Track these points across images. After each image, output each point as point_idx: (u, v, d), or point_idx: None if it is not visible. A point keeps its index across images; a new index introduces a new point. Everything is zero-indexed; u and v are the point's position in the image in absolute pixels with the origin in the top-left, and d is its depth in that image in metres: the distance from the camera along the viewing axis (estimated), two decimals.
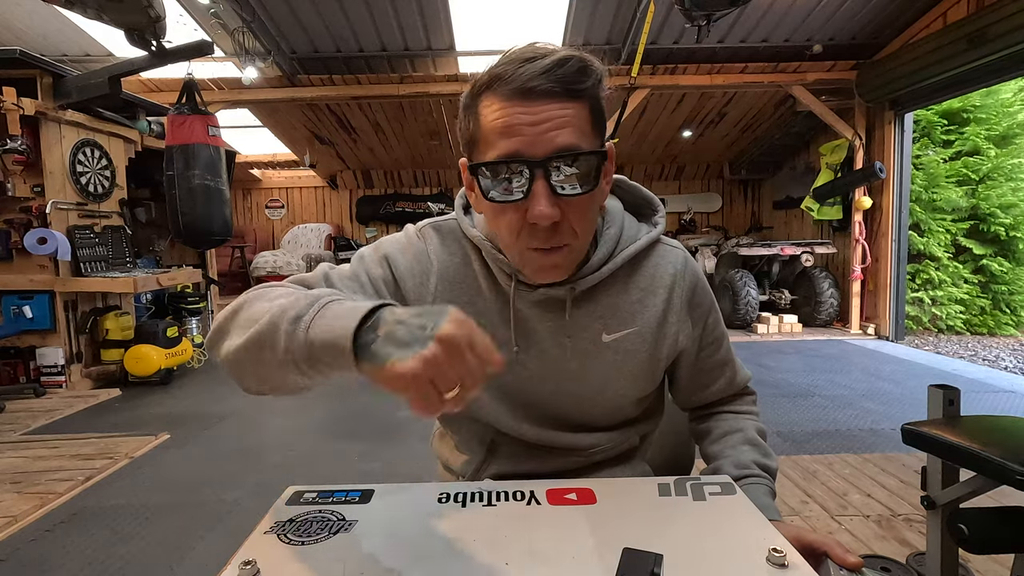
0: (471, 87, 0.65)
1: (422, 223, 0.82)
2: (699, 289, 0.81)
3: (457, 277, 0.78)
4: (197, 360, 4.64)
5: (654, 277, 0.78)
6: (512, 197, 0.62)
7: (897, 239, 5.31)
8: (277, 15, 4.67)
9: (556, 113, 0.60)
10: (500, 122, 0.61)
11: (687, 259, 0.81)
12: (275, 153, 7.86)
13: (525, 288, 0.74)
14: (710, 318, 0.83)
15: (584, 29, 5.05)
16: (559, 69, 0.60)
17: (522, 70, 0.60)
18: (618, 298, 0.76)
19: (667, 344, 0.79)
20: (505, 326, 0.76)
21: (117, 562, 1.82)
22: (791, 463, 2.42)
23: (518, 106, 0.60)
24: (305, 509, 0.67)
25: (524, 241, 0.65)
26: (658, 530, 0.61)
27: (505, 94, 0.61)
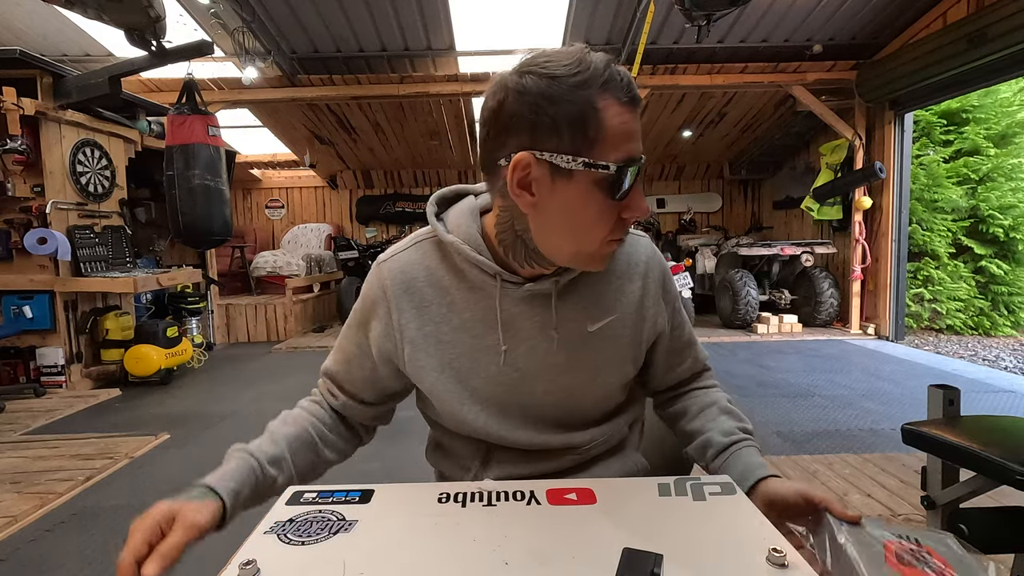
0: (580, 80, 0.62)
1: (380, 258, 0.83)
2: (667, 274, 0.87)
3: (425, 300, 0.78)
4: (197, 360, 4.64)
5: (628, 264, 0.81)
6: (623, 196, 0.66)
7: (897, 239, 5.31)
8: (277, 15, 4.67)
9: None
10: (627, 127, 0.64)
11: (654, 247, 0.86)
12: (275, 153, 7.86)
13: (510, 286, 0.75)
14: (677, 302, 0.88)
15: (584, 29, 5.05)
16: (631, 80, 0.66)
17: (626, 77, 0.64)
18: (598, 287, 0.79)
19: (647, 327, 0.83)
20: (491, 328, 0.76)
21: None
22: (791, 463, 2.42)
23: (631, 112, 0.65)
24: (305, 509, 0.67)
25: (614, 234, 0.69)
26: (658, 530, 0.61)
27: (624, 99, 0.64)
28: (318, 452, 0.83)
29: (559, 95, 0.62)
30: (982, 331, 5.81)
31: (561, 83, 0.62)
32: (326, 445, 0.84)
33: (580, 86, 0.62)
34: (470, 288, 0.77)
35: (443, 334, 0.78)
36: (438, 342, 0.78)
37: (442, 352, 0.78)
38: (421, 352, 0.78)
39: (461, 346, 0.78)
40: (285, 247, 7.79)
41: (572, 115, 0.62)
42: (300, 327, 6.09)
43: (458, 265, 0.77)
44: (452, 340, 0.78)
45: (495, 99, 0.66)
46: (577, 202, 0.66)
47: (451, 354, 0.78)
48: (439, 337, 0.78)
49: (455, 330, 0.78)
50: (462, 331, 0.77)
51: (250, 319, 5.93)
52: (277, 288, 6.55)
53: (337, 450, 0.86)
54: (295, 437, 0.81)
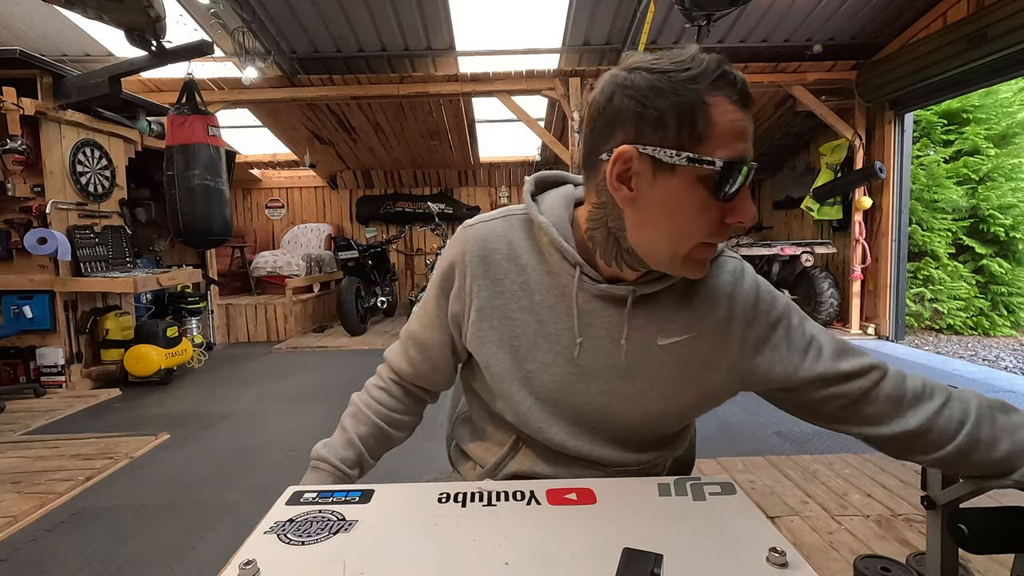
0: (691, 75, 0.62)
1: (466, 223, 0.83)
2: (763, 298, 0.75)
3: (500, 273, 0.78)
4: (197, 360, 4.64)
5: (715, 286, 0.75)
6: (728, 196, 0.63)
7: (897, 239, 5.31)
8: (277, 15, 4.67)
9: (751, 123, 0.65)
10: (738, 125, 0.62)
11: (745, 268, 0.78)
12: (275, 153, 7.85)
13: (588, 281, 0.74)
14: (791, 320, 0.74)
15: (584, 29, 5.05)
16: (745, 81, 0.65)
17: (739, 77, 0.63)
18: (679, 304, 0.75)
19: (729, 356, 0.74)
20: (560, 318, 0.76)
21: (117, 562, 1.82)
22: (791, 463, 2.42)
23: (743, 112, 0.63)
24: (305, 509, 0.67)
25: (710, 237, 0.66)
26: (658, 530, 0.61)
27: (735, 98, 0.63)
28: (389, 438, 0.91)
29: (668, 88, 0.62)
30: (982, 331, 5.81)
31: (671, 77, 0.62)
32: (395, 428, 0.91)
33: (690, 80, 0.62)
34: (548, 272, 0.77)
35: (511, 311, 0.78)
36: (504, 317, 0.78)
37: (505, 328, 0.78)
38: (485, 323, 0.79)
39: (525, 327, 0.77)
40: (285, 247, 7.79)
41: (680, 108, 0.62)
42: (300, 327, 6.09)
43: (541, 247, 0.77)
44: (518, 319, 0.78)
45: (603, 94, 0.66)
46: (678, 198, 0.64)
47: (514, 332, 0.78)
48: (506, 312, 0.78)
49: (523, 310, 0.77)
50: (530, 312, 0.77)
51: (250, 319, 5.93)
52: (277, 288, 6.55)
53: (406, 428, 0.93)
54: (368, 435, 0.88)
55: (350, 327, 5.69)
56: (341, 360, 4.76)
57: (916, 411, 0.70)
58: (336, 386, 3.90)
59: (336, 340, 5.61)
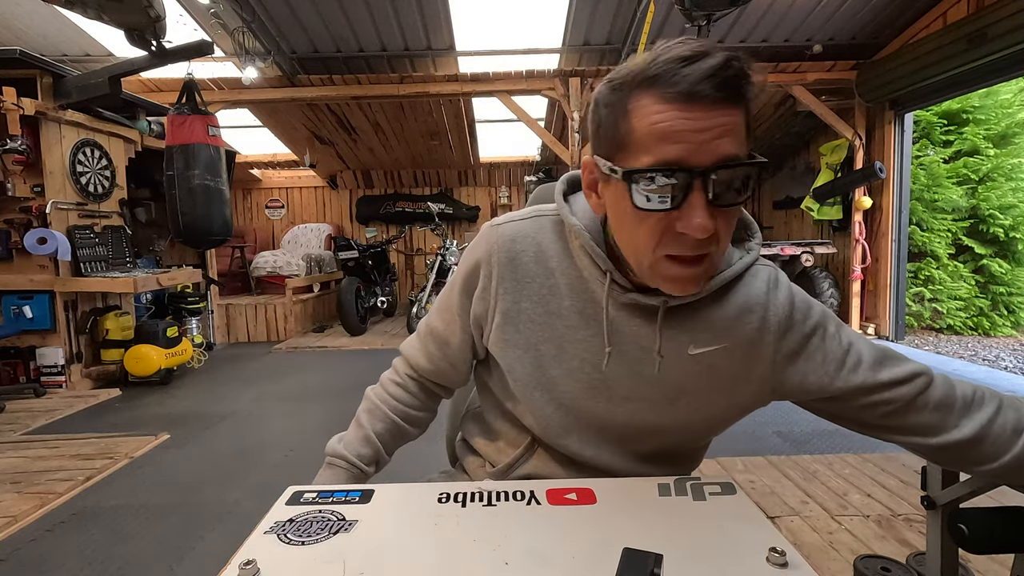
0: (619, 82, 0.61)
1: (494, 220, 0.80)
2: (799, 308, 0.73)
3: (527, 275, 0.76)
4: (197, 360, 4.64)
5: (748, 295, 0.73)
6: (664, 206, 0.59)
7: (897, 239, 5.31)
8: (277, 15, 4.67)
9: (721, 120, 0.57)
10: (661, 127, 0.57)
11: (782, 278, 0.75)
12: (275, 153, 7.86)
13: (618, 288, 0.72)
14: (827, 327, 0.73)
15: (584, 29, 5.05)
16: (725, 72, 0.56)
17: (687, 71, 0.56)
18: (711, 314, 0.72)
19: (760, 367, 0.72)
20: (588, 324, 0.74)
21: (117, 562, 1.82)
22: (791, 463, 2.42)
23: (683, 110, 0.56)
24: (305, 509, 0.67)
25: (665, 248, 0.61)
26: (658, 530, 0.61)
27: (668, 96, 0.57)
28: (404, 435, 0.90)
29: (603, 98, 0.63)
30: (982, 331, 5.81)
31: (609, 86, 0.62)
32: (411, 424, 0.90)
33: (618, 88, 0.61)
34: (577, 277, 0.74)
35: (537, 315, 0.76)
36: (530, 321, 0.76)
37: (531, 332, 0.76)
38: (510, 327, 0.77)
39: (551, 331, 0.75)
40: (285, 247, 7.79)
41: (607, 117, 0.62)
42: (300, 327, 6.09)
43: (571, 251, 0.75)
44: (544, 323, 0.75)
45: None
46: (619, 207, 0.64)
47: (539, 336, 0.76)
48: (532, 317, 0.76)
49: (550, 314, 0.75)
50: (557, 317, 0.75)
51: (250, 319, 5.93)
52: (277, 288, 6.55)
53: (422, 424, 0.92)
54: (384, 431, 0.87)
55: (350, 327, 5.69)
56: (341, 360, 4.76)
57: (969, 419, 0.67)
58: (336, 386, 3.90)
59: (336, 340, 5.61)
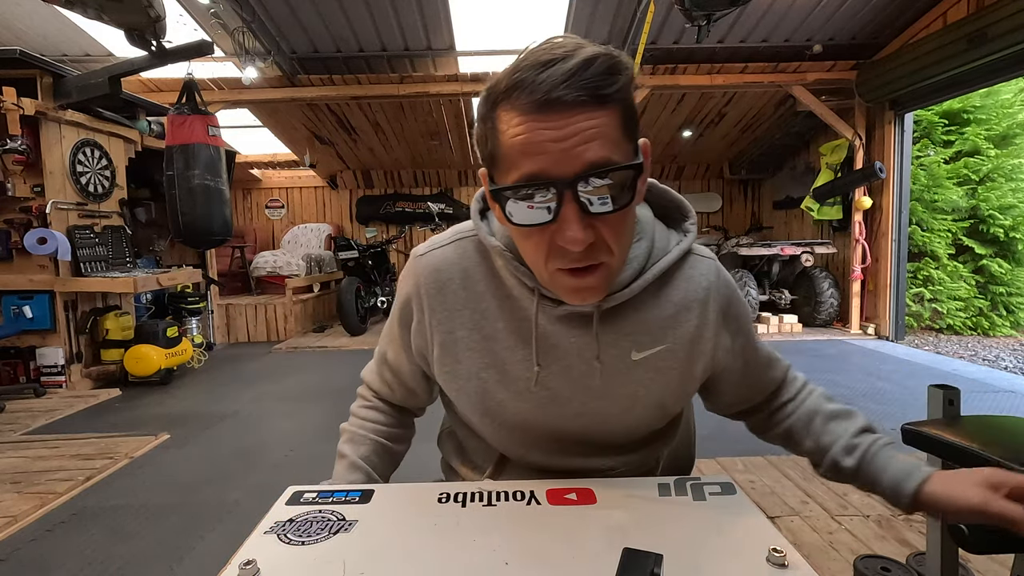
0: (487, 95, 0.58)
1: (417, 250, 0.78)
2: (734, 300, 0.76)
3: (458, 303, 0.73)
4: (197, 360, 4.64)
5: (687, 291, 0.72)
6: (538, 220, 0.56)
7: (897, 239, 5.31)
8: (277, 15, 4.67)
9: (584, 125, 0.53)
10: (521, 139, 0.54)
11: (719, 270, 0.76)
12: (275, 153, 7.85)
13: (548, 303, 0.69)
14: (747, 327, 0.79)
15: (584, 29, 5.04)
16: (584, 72, 0.52)
17: (542, 77, 0.52)
18: (649, 314, 0.71)
19: (702, 361, 0.74)
20: (527, 343, 0.71)
21: (117, 562, 1.82)
22: (791, 463, 2.42)
23: (540, 120, 0.53)
24: (305, 509, 0.67)
25: (554, 262, 0.60)
26: (658, 530, 0.61)
27: (525, 106, 0.54)
28: (392, 454, 0.88)
29: (479, 113, 0.60)
30: (981, 331, 5.81)
31: (480, 98, 0.60)
32: (396, 443, 0.88)
33: (485, 103, 0.58)
34: (506, 297, 0.72)
35: (473, 341, 0.73)
36: (468, 349, 0.74)
37: (470, 360, 0.74)
38: (449, 356, 0.75)
39: (491, 356, 0.73)
40: (285, 247, 7.79)
41: (480, 133, 0.60)
42: (300, 327, 6.09)
43: (497, 271, 0.72)
44: (483, 349, 0.73)
45: None
46: (506, 224, 0.62)
47: (479, 363, 0.74)
48: (469, 344, 0.73)
49: (486, 339, 0.73)
50: (494, 341, 0.72)
51: (250, 319, 5.93)
52: (277, 288, 6.55)
53: (405, 440, 0.91)
54: (370, 453, 0.84)
55: (350, 327, 5.69)
56: (341, 360, 4.76)
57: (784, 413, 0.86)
58: (336, 386, 3.89)
59: (336, 340, 5.61)
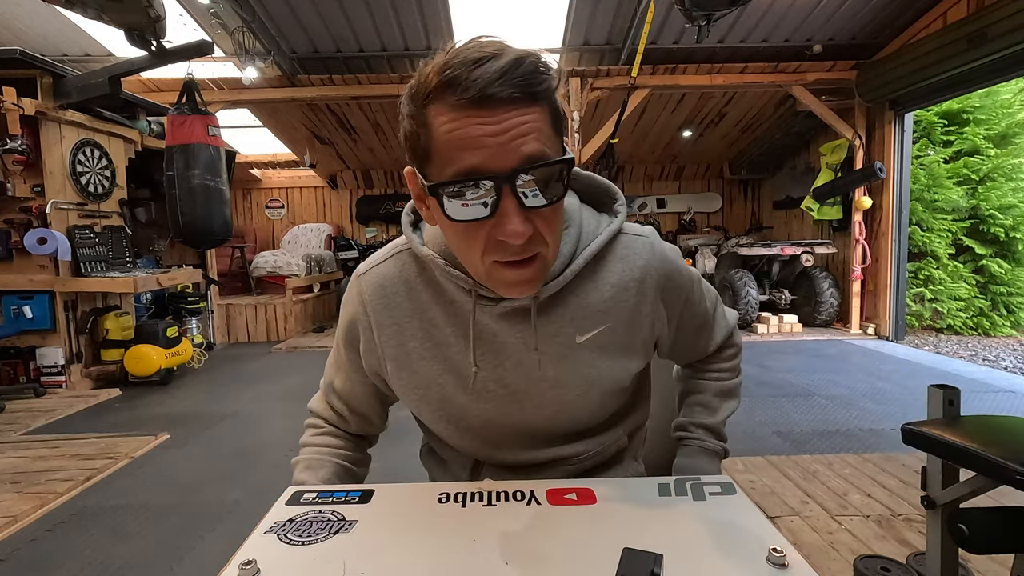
0: (415, 92, 0.58)
1: (359, 269, 0.78)
2: (672, 273, 0.76)
3: (404, 316, 0.74)
4: (197, 360, 4.64)
5: (622, 271, 0.73)
6: (478, 215, 0.56)
7: (897, 239, 5.31)
8: (277, 15, 4.67)
9: (518, 120, 0.54)
10: (457, 134, 0.54)
11: (654, 245, 0.75)
12: (275, 153, 7.86)
13: (487, 302, 0.70)
14: (692, 297, 0.80)
15: (584, 29, 5.05)
16: (516, 71, 0.53)
17: (476, 74, 0.53)
18: (588, 298, 0.72)
19: (641, 335, 0.76)
20: (468, 345, 0.72)
21: (117, 562, 1.82)
22: (791, 463, 2.42)
23: (475, 115, 0.54)
24: (305, 509, 0.67)
25: (491, 256, 0.60)
26: (658, 530, 0.61)
27: (459, 103, 0.54)
28: (356, 478, 0.86)
29: (404, 110, 0.59)
30: (982, 331, 5.81)
31: (406, 97, 0.59)
32: (358, 466, 0.87)
33: (412, 99, 0.58)
34: (449, 303, 0.72)
35: (424, 351, 0.74)
36: (420, 358, 0.74)
37: (426, 368, 0.75)
38: (404, 370, 0.76)
39: (442, 363, 0.74)
40: (285, 247, 7.79)
41: (409, 130, 0.59)
42: (300, 327, 6.09)
43: (436, 279, 0.73)
44: (433, 357, 0.74)
45: None
46: (441, 221, 0.61)
47: (433, 371, 0.74)
48: (421, 354, 0.74)
49: (436, 346, 0.74)
50: (445, 347, 0.73)
51: (250, 319, 5.93)
52: (277, 288, 6.55)
53: (365, 466, 0.89)
54: (333, 475, 0.82)
55: None
56: None
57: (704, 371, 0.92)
58: None
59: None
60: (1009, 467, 0.95)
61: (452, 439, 0.81)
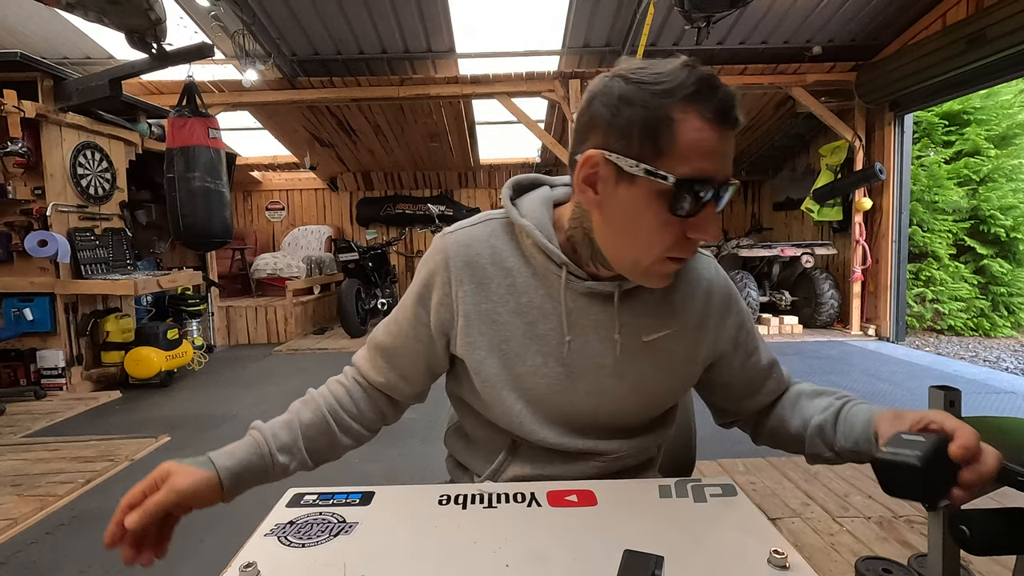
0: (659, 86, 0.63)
1: (445, 230, 0.82)
2: (734, 295, 0.84)
3: (485, 277, 0.78)
4: (197, 362, 4.64)
5: (691, 281, 0.80)
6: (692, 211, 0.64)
7: (897, 240, 5.31)
8: (277, 17, 4.67)
9: (732, 144, 0.65)
10: (706, 145, 0.62)
11: (718, 266, 0.85)
12: (275, 155, 7.87)
13: (574, 279, 0.75)
14: (747, 323, 0.85)
15: (584, 31, 5.05)
16: (734, 101, 0.63)
17: (721, 94, 0.62)
18: (660, 297, 0.78)
19: (706, 347, 0.80)
20: (547, 319, 0.76)
21: (117, 565, 1.82)
22: (792, 464, 2.42)
23: (719, 130, 0.62)
24: (305, 511, 0.68)
25: (669, 251, 0.67)
26: (659, 532, 0.61)
27: (709, 116, 0.62)
28: (333, 439, 0.82)
29: (638, 99, 0.63)
30: (982, 332, 5.81)
31: (643, 88, 0.63)
32: (343, 432, 0.83)
33: (661, 94, 0.62)
34: (533, 274, 0.77)
35: (499, 314, 0.77)
36: (492, 321, 0.77)
37: (495, 332, 0.77)
38: (474, 328, 0.78)
39: (514, 329, 0.77)
40: (285, 249, 7.79)
41: (645, 120, 0.63)
42: (301, 329, 6.09)
43: (525, 250, 0.78)
44: (507, 322, 0.77)
45: (586, 98, 0.69)
46: (636, 208, 0.66)
47: (503, 335, 0.77)
48: (494, 317, 0.77)
49: (511, 312, 0.77)
50: (518, 315, 0.77)
51: (250, 321, 5.93)
52: (277, 290, 6.55)
53: (354, 435, 0.85)
54: (311, 424, 0.81)
55: (350, 329, 5.69)
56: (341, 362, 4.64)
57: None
58: None
59: (336, 342, 5.61)
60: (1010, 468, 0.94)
61: (501, 408, 0.79)
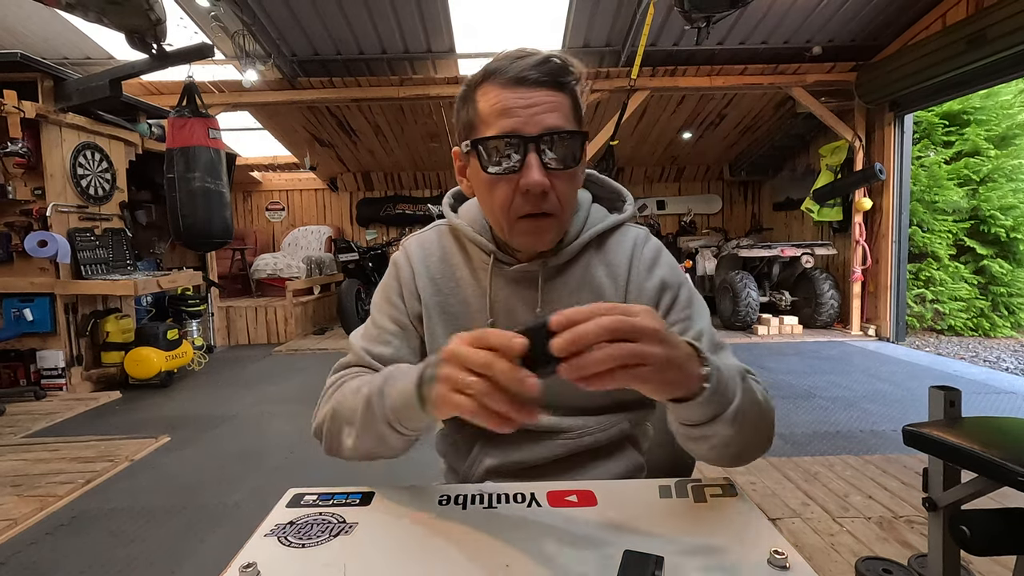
0: (468, 83, 0.75)
1: (404, 239, 0.92)
2: (660, 262, 0.83)
3: (438, 273, 0.86)
4: (197, 363, 4.64)
5: (619, 252, 0.84)
6: (508, 167, 0.70)
7: (897, 240, 5.31)
8: (277, 18, 4.67)
9: (545, 99, 0.70)
10: (498, 105, 0.70)
11: (648, 235, 0.87)
12: (275, 155, 7.87)
13: (503, 265, 0.82)
14: (676, 290, 0.81)
15: (584, 31, 5.05)
16: (546, 64, 0.70)
17: (516, 64, 0.70)
18: (588, 273, 0.82)
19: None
20: (484, 302, 0.83)
21: (117, 565, 1.82)
22: (792, 465, 2.42)
23: (513, 92, 0.70)
24: (305, 511, 0.67)
25: (516, 210, 0.72)
26: (659, 532, 0.61)
27: (502, 83, 0.70)
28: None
29: (462, 95, 0.76)
30: (982, 332, 5.81)
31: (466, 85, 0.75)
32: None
33: (468, 86, 0.75)
34: (473, 268, 0.85)
35: (450, 306, 0.85)
36: (445, 312, 0.85)
37: (448, 322, 0.85)
38: (435, 320, 0.85)
39: (465, 320, 0.84)
40: (285, 249, 7.79)
41: (460, 111, 0.76)
42: (300, 329, 6.09)
43: (465, 247, 0.86)
44: (457, 312, 0.85)
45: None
46: (477, 182, 0.76)
47: (456, 325, 0.84)
48: (447, 308, 0.85)
49: (460, 303, 0.84)
50: (465, 305, 0.84)
51: (250, 321, 5.93)
52: (277, 290, 6.55)
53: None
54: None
55: (350, 329, 5.68)
56: None
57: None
58: None
59: (336, 342, 5.61)
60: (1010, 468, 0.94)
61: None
